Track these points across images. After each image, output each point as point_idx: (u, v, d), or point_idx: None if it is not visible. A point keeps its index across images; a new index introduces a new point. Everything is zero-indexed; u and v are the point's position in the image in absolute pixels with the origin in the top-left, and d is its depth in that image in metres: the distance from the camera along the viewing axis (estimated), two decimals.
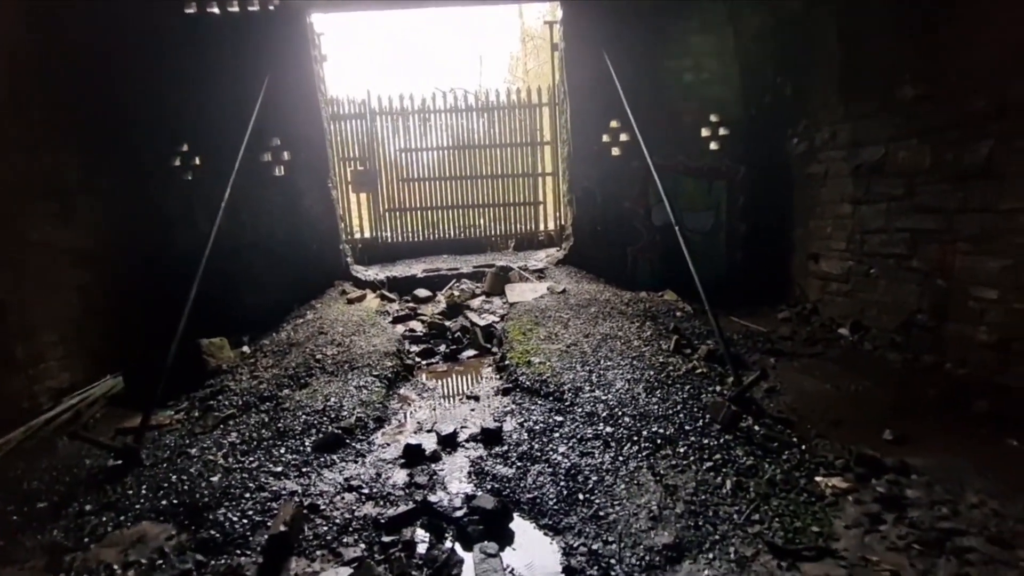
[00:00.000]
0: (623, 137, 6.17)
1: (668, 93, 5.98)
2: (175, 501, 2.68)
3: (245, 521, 2.46)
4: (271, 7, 5.80)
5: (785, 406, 3.25)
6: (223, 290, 5.57)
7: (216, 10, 5.75)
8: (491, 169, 7.96)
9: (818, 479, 2.45)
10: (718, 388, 3.34)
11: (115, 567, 2.28)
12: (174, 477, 2.89)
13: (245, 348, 5.08)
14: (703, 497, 2.31)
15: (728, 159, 6.16)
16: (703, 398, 3.19)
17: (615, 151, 6.25)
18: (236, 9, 5.75)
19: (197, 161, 5.91)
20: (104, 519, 2.61)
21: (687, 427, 2.89)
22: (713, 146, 6.22)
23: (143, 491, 2.80)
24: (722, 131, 6.16)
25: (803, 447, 2.73)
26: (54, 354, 4.34)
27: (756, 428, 2.87)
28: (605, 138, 6.22)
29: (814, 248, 5.17)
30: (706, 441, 2.74)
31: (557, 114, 7.06)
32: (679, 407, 3.10)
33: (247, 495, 2.66)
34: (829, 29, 4.69)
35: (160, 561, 2.29)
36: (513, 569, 2.10)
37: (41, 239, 4.32)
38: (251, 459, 3.02)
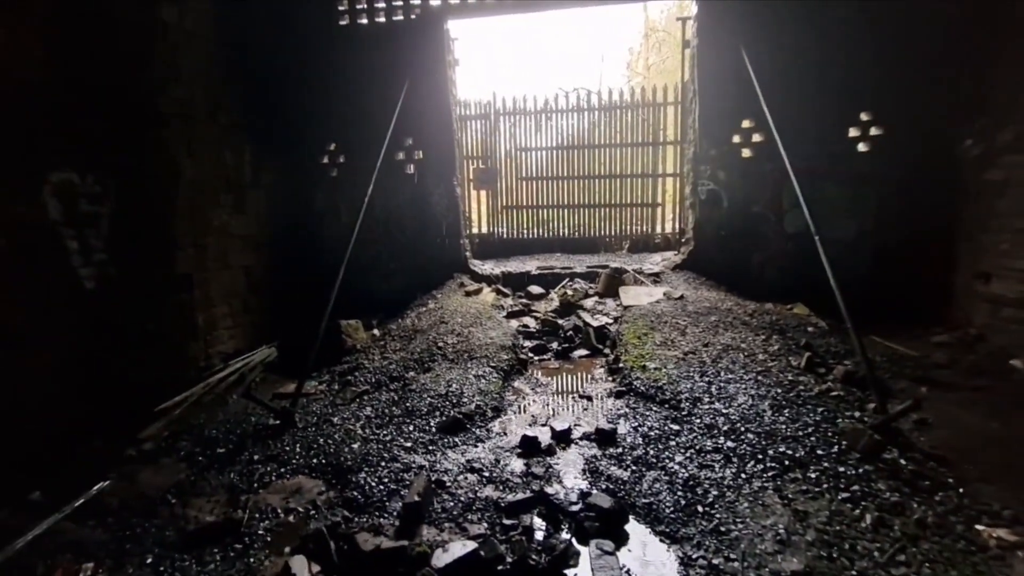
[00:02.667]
0: (756, 137, 5.82)
1: (811, 88, 5.53)
2: (324, 461, 3.06)
3: (382, 487, 2.75)
4: (413, 16, 6.24)
5: (940, 442, 2.92)
6: (356, 277, 6.12)
7: (365, 21, 6.31)
8: (609, 169, 7.91)
9: (979, 527, 2.19)
10: (857, 414, 3.08)
11: (279, 511, 2.66)
12: (322, 440, 3.28)
13: (375, 331, 5.56)
14: (838, 528, 2.17)
15: (879, 162, 5.56)
16: (839, 423, 2.96)
17: (746, 152, 5.91)
18: (383, 20, 6.27)
19: (342, 159, 6.54)
20: (268, 469, 3.05)
21: (819, 451, 2.71)
22: (862, 147, 5.64)
23: (298, 449, 3.22)
24: (874, 131, 5.57)
25: (961, 490, 2.44)
26: (224, 324, 5.09)
27: (903, 462, 2.62)
28: (736, 138, 5.91)
29: (985, 266, 4.52)
30: (842, 469, 2.56)
31: (682, 113, 6.82)
32: (810, 429, 2.91)
33: (383, 464, 2.96)
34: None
35: (313, 512, 2.64)
36: (629, 570, 2.13)
37: (220, 225, 5.07)
38: (384, 432, 3.34)
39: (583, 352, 5.05)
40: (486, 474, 2.84)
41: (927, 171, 5.21)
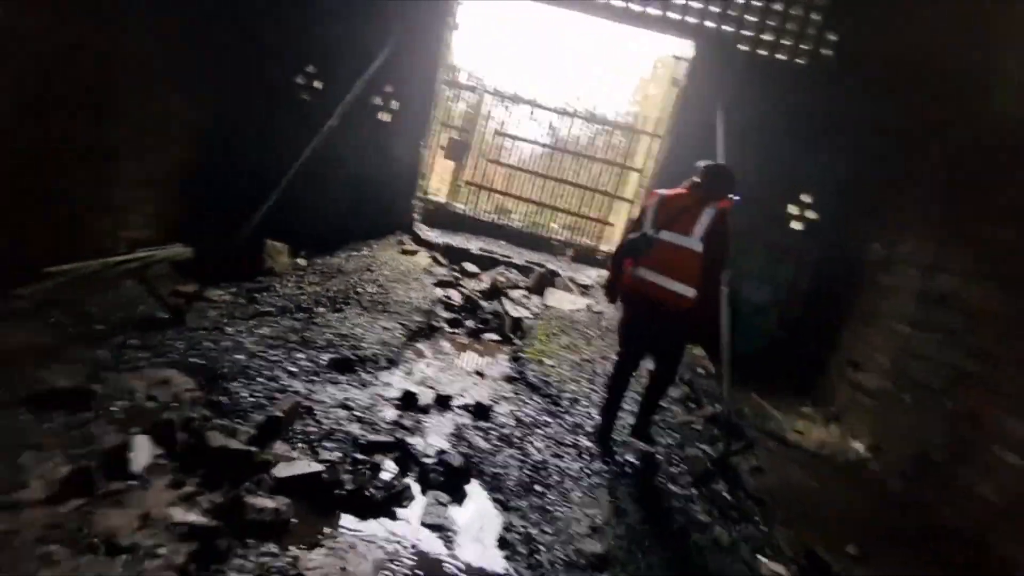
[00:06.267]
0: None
1: (769, 160, 5.94)
2: (202, 364, 3.05)
3: (252, 399, 2.79)
4: None
5: (763, 487, 3.28)
6: (299, 204, 6.01)
7: None
8: (576, 178, 8.13)
9: (761, 558, 2.51)
10: (706, 447, 3.40)
11: (138, 395, 2.65)
12: (207, 344, 3.27)
13: (300, 260, 5.51)
14: (646, 528, 2.43)
15: (805, 243, 6.06)
16: (687, 450, 3.27)
17: None
18: None
19: (317, 85, 6.40)
20: (141, 356, 3.02)
21: (660, 468, 2.98)
22: (795, 225, 6.12)
23: (179, 346, 3.20)
24: (809, 214, 6.06)
25: (763, 527, 2.78)
26: (144, 210, 4.89)
27: (725, 494, 2.94)
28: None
29: (857, 355, 5.04)
30: (672, 487, 2.84)
31: (654, 146, 7.13)
32: (661, 448, 3.19)
33: (260, 380, 2.99)
34: (940, 155, 4.56)
35: (175, 404, 2.65)
36: (455, 521, 2.30)
37: (162, 108, 4.83)
38: (273, 353, 3.36)
39: (494, 336, 5.21)
40: (357, 413, 2.94)
41: (839, 262, 5.73)
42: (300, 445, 2.51)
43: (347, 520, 2.20)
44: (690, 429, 3.62)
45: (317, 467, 2.28)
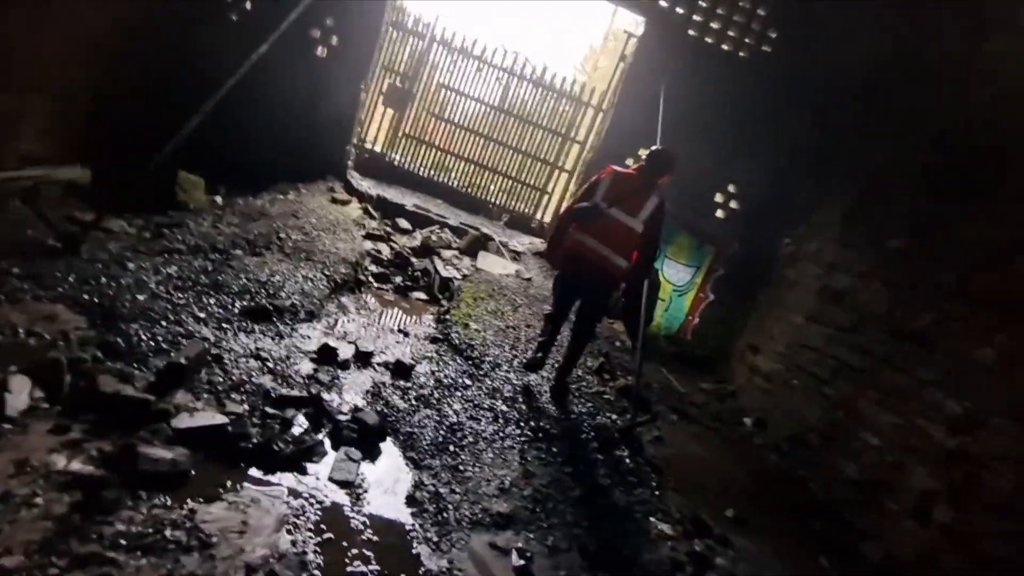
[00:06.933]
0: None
1: (704, 147, 6.15)
2: (96, 300, 2.80)
3: (152, 344, 2.61)
4: None
5: (662, 455, 3.54)
6: (223, 135, 5.53)
7: None
8: (519, 143, 8.04)
9: (652, 519, 2.73)
10: (615, 416, 3.61)
11: (20, 330, 2.41)
12: (104, 280, 3.00)
13: (218, 198, 5.12)
14: (551, 492, 2.57)
15: (726, 230, 6.41)
16: (597, 418, 3.45)
17: None
18: None
19: (248, 6, 5.82)
20: (25, 287, 2.72)
21: (569, 434, 3.14)
22: (720, 214, 6.45)
23: (70, 279, 2.90)
24: (733, 204, 6.40)
25: (657, 492, 3.01)
26: (38, 122, 4.31)
27: (627, 461, 3.14)
28: (630, 161, 6.38)
29: (757, 341, 5.49)
30: (579, 452, 3.00)
31: (598, 119, 7.17)
32: (573, 416, 3.35)
33: (164, 323, 2.80)
34: (850, 165, 4.94)
35: (62, 343, 2.42)
36: (365, 478, 2.31)
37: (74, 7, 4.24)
38: (180, 296, 3.14)
39: (422, 296, 5.16)
40: (270, 365, 2.84)
41: (755, 253, 6.12)
42: (205, 395, 2.39)
43: (252, 474, 2.14)
44: (602, 399, 3.81)
45: (222, 419, 2.19)
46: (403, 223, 6.36)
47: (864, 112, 5.16)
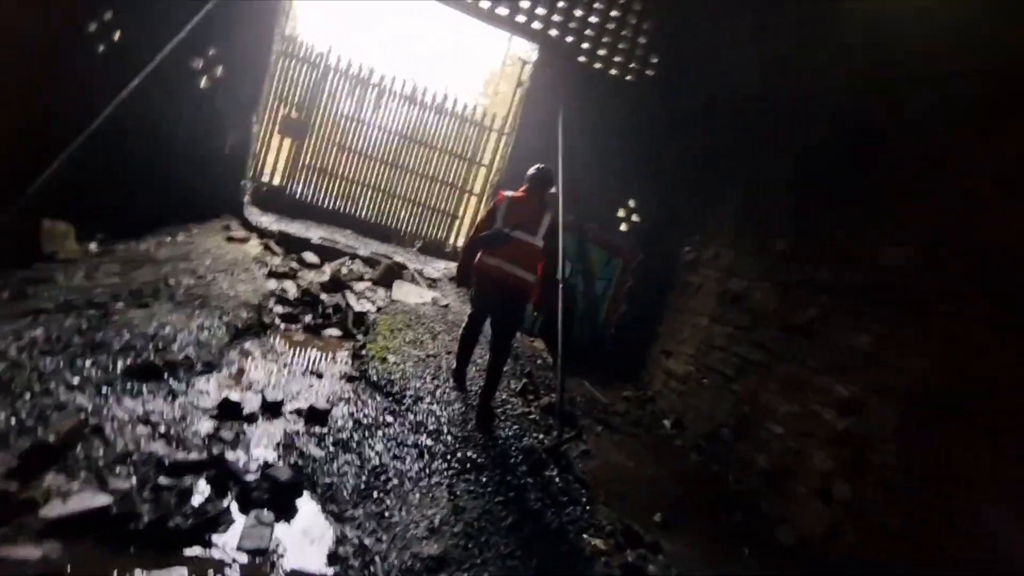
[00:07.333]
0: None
1: (602, 166, 6.46)
2: None
3: (14, 421, 2.26)
4: None
5: (590, 469, 3.60)
6: (99, 178, 5.02)
7: None
8: (425, 169, 8.01)
9: (586, 536, 2.75)
10: (541, 436, 3.62)
11: None
12: None
13: (94, 245, 4.62)
14: (483, 524, 2.51)
15: (631, 242, 6.75)
16: (524, 440, 3.45)
17: None
18: None
19: (117, 35, 5.38)
20: None
21: (498, 461, 3.10)
22: (623, 227, 6.78)
23: None
24: (635, 217, 6.76)
25: (587, 507, 3.04)
26: None
27: (557, 480, 3.16)
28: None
29: (669, 346, 5.79)
30: (509, 478, 2.97)
31: (502, 143, 7.33)
32: (500, 442, 3.32)
33: (28, 396, 2.45)
34: (738, 175, 5.41)
35: None
36: (280, 543, 2.13)
37: None
38: (49, 361, 2.77)
39: (335, 332, 4.93)
40: (162, 429, 2.56)
41: (660, 262, 6.49)
42: (83, 474, 2.10)
43: (146, 557, 1.90)
44: (528, 420, 3.81)
45: (104, 499, 1.93)
46: (310, 257, 6.08)
47: (747, 125, 5.66)
